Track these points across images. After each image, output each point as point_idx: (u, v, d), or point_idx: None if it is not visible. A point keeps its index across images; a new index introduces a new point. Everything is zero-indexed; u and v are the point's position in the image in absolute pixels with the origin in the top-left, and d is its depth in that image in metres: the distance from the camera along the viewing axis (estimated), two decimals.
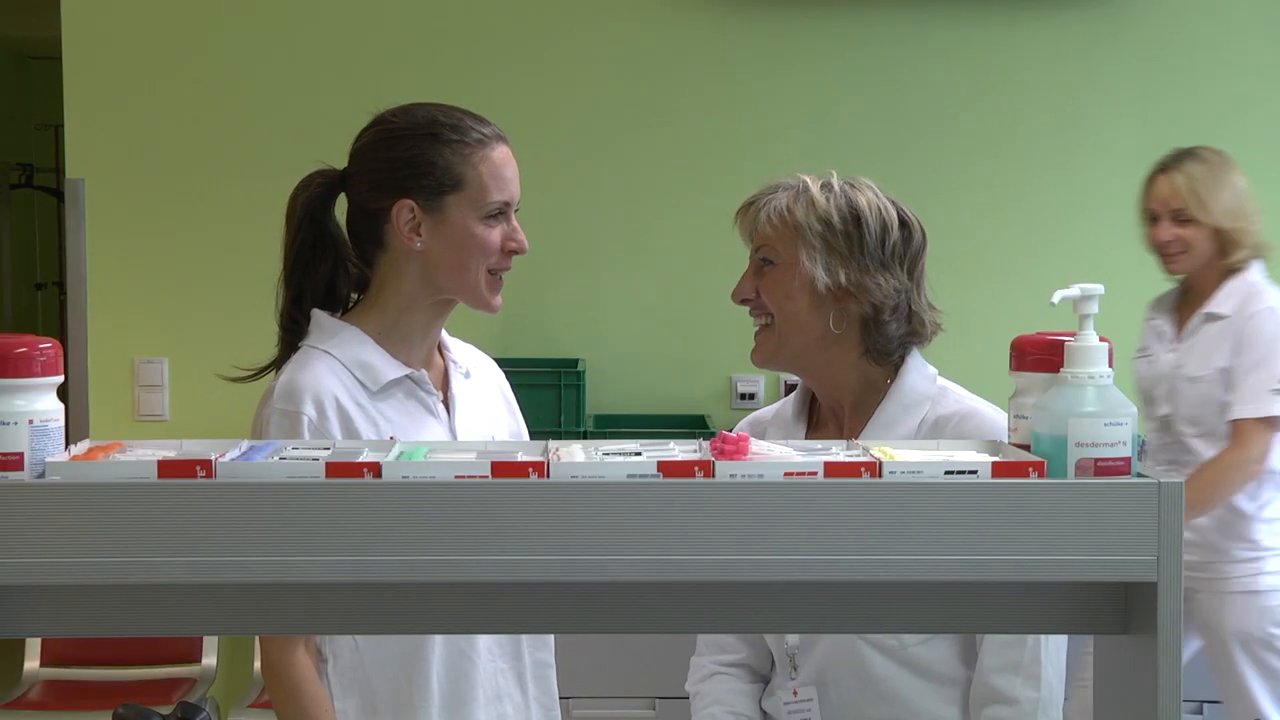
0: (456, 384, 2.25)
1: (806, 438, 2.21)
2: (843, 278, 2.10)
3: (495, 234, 2.16)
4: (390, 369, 2.16)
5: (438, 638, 2.14)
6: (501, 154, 2.17)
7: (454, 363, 2.27)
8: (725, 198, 3.24)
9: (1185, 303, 3.68)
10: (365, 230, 2.19)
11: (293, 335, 2.20)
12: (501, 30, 4.16)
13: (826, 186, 2.14)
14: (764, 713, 2.25)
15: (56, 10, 4.17)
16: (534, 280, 3.21)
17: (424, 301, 2.18)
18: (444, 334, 2.29)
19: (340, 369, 2.13)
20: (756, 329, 2.18)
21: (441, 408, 2.21)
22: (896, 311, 2.13)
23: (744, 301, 2.18)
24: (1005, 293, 4.12)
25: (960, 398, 2.16)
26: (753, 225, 2.16)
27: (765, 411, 2.35)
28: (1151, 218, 3.63)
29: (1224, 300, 3.57)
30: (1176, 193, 3.56)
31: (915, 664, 2.10)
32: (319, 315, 2.18)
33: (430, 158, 2.14)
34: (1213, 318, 3.58)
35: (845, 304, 2.12)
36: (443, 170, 2.14)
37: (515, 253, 2.19)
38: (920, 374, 2.17)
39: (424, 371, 2.20)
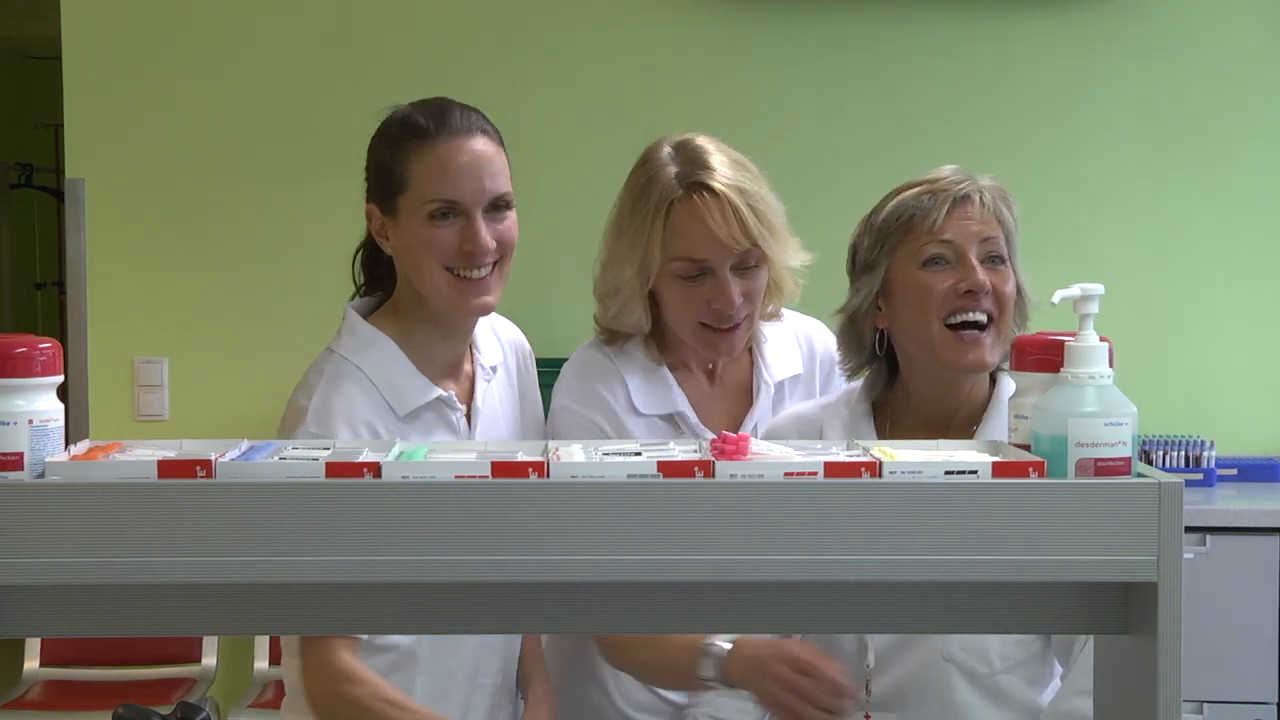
0: (480, 393, 2.17)
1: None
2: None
3: (444, 234, 2.02)
4: (417, 392, 2.08)
5: (421, 659, 2.09)
6: (450, 149, 2.02)
7: (481, 366, 2.19)
8: None
9: None
10: None
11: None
12: (503, 29, 4.16)
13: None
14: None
15: (56, 10, 4.16)
16: (535, 280, 3.20)
17: (421, 307, 2.11)
18: (478, 330, 2.19)
19: (372, 390, 2.06)
20: (977, 321, 2.02)
21: (464, 422, 2.13)
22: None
23: (977, 295, 2.01)
24: None
25: None
26: (985, 216, 2.06)
27: (807, 407, 2.22)
28: None
29: None
30: None
31: (999, 692, 2.05)
32: (351, 316, 2.13)
33: (380, 159, 2.08)
34: None
35: None
36: (388, 172, 2.06)
37: (471, 254, 2.03)
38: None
39: (451, 392, 2.12)
